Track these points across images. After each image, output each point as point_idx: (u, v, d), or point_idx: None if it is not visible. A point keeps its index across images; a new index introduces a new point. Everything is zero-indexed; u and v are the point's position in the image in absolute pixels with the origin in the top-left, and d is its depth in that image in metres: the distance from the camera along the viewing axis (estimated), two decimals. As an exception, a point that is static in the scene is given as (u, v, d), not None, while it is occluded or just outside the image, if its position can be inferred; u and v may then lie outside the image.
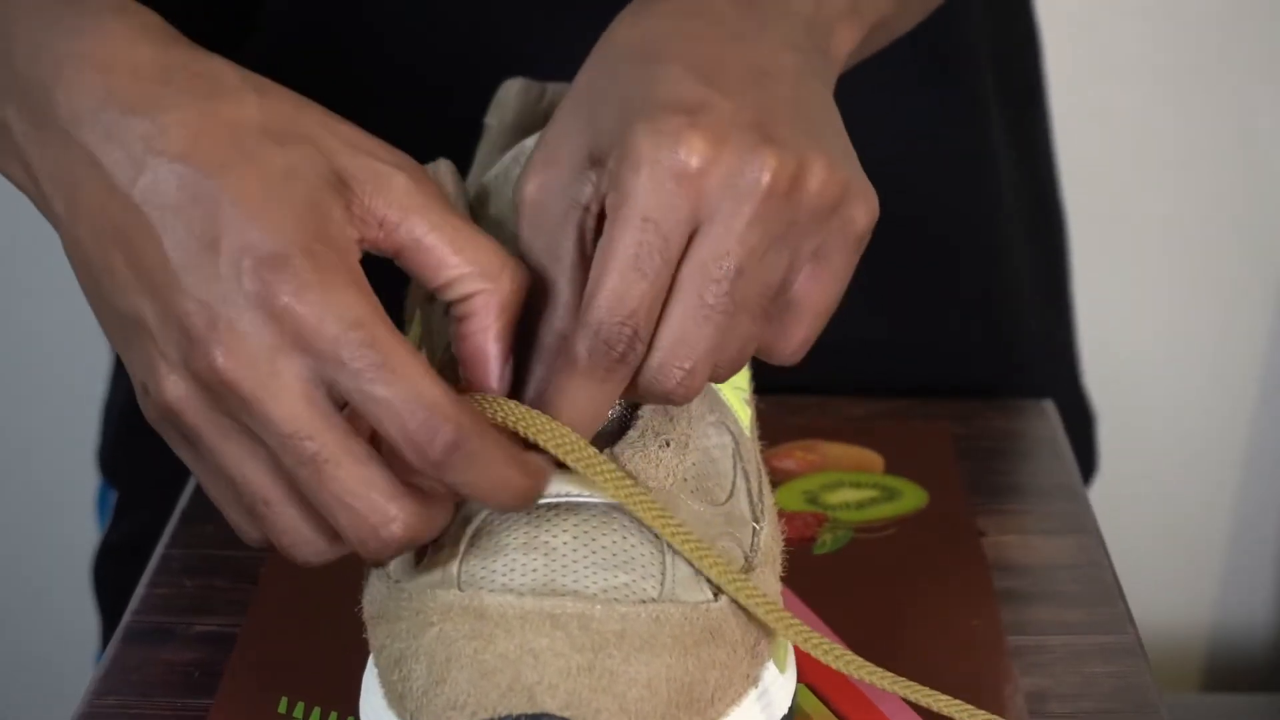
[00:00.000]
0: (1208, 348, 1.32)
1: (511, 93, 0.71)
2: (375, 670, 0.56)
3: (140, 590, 0.68)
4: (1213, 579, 1.40)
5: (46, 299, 1.31)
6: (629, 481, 0.55)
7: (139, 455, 0.94)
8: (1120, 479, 1.30)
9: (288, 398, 0.51)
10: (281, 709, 0.60)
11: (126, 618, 0.66)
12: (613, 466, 0.54)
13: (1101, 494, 0.97)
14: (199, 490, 0.74)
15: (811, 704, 0.61)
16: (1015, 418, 0.82)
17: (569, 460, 0.54)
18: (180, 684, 0.62)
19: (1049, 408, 0.83)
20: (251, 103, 0.54)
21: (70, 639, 1.22)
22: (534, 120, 0.70)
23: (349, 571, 0.64)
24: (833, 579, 0.68)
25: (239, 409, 0.51)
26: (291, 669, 0.62)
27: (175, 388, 0.52)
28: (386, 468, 0.52)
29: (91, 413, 0.98)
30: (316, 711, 0.60)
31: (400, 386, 0.51)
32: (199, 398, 0.52)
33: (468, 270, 0.54)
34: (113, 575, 0.94)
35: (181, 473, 0.76)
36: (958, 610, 0.66)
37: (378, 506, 0.51)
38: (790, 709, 0.57)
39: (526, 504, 0.54)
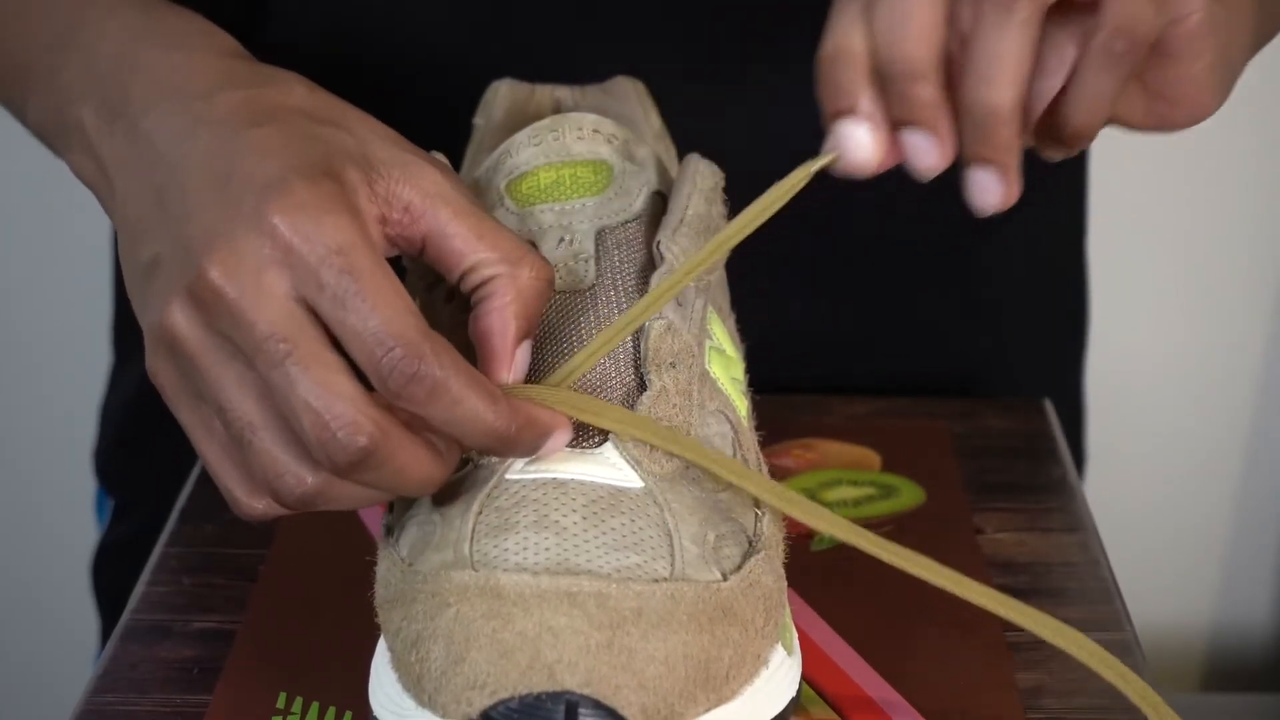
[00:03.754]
0: (1209, 348, 1.32)
1: (499, 93, 0.72)
2: (386, 657, 0.56)
3: (139, 589, 0.68)
4: (1213, 579, 1.40)
5: (47, 300, 1.32)
6: (658, 423, 0.56)
7: (135, 460, 0.94)
8: (1121, 479, 1.30)
9: (268, 304, 0.52)
10: (280, 704, 0.61)
11: (125, 616, 0.66)
12: (635, 414, 0.56)
13: (1102, 493, 0.97)
14: (198, 488, 0.75)
15: (809, 698, 0.61)
16: (1013, 416, 0.82)
17: (594, 420, 0.56)
18: (179, 681, 0.62)
19: (1047, 406, 0.83)
20: (298, 93, 0.58)
21: (70, 639, 1.22)
22: (522, 120, 0.70)
23: (348, 568, 0.64)
24: (830, 575, 0.68)
25: (225, 319, 0.53)
26: (290, 665, 0.63)
27: (176, 312, 0.54)
28: (359, 383, 0.53)
29: (91, 414, 0.99)
30: (315, 707, 0.60)
31: (371, 315, 0.52)
32: (196, 317, 0.53)
33: (489, 255, 0.56)
34: (111, 575, 0.95)
35: (177, 475, 0.77)
36: (955, 606, 0.66)
37: (341, 412, 0.52)
38: (798, 691, 0.57)
39: (510, 448, 0.55)
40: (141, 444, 0.93)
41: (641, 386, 0.58)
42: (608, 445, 0.57)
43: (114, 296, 0.96)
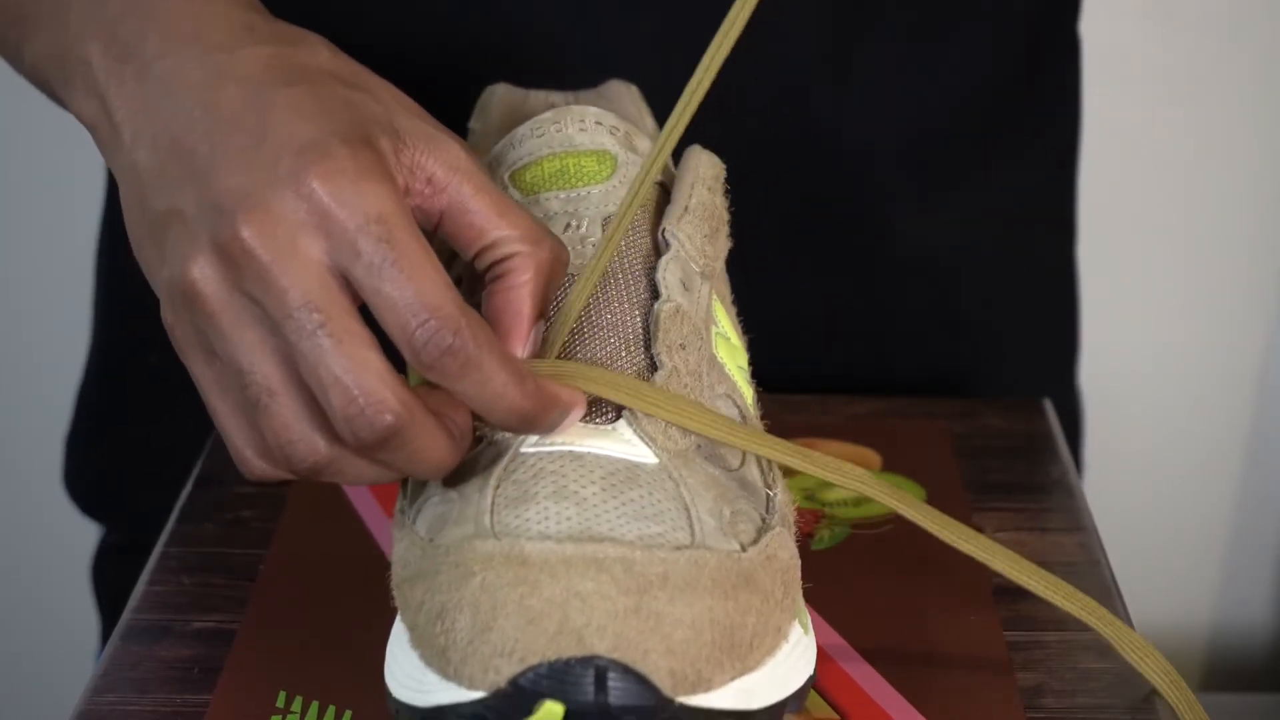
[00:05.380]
0: (1209, 347, 1.32)
1: (495, 97, 0.72)
2: (403, 639, 0.56)
3: (139, 588, 0.68)
4: (1213, 579, 1.40)
5: (46, 298, 1.32)
6: (673, 394, 0.57)
7: (107, 482, 0.94)
8: (1121, 479, 1.30)
9: (302, 272, 0.52)
10: (280, 704, 0.61)
11: (125, 615, 0.66)
12: (652, 386, 0.57)
13: (1102, 493, 0.97)
14: (196, 488, 0.75)
15: (810, 698, 0.61)
16: (1013, 416, 0.82)
17: (616, 397, 0.57)
18: (179, 681, 0.62)
19: (1047, 407, 0.83)
20: (324, 55, 0.57)
21: (69, 639, 1.22)
22: (517, 124, 0.70)
23: (348, 568, 0.64)
24: (830, 575, 0.68)
25: (255, 282, 0.52)
26: (290, 664, 0.62)
27: (200, 268, 0.53)
28: (387, 359, 0.53)
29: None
30: (315, 706, 0.60)
31: (408, 285, 0.52)
32: (221, 275, 0.53)
33: (510, 233, 0.56)
34: (112, 575, 0.95)
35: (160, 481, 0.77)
36: (955, 606, 0.67)
37: (372, 389, 0.52)
38: (814, 671, 0.58)
39: (530, 426, 0.55)
40: (112, 447, 0.93)
41: (652, 368, 0.59)
42: (621, 422, 0.57)
43: (95, 283, 0.95)
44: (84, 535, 1.00)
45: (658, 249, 0.61)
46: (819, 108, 0.83)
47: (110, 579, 0.95)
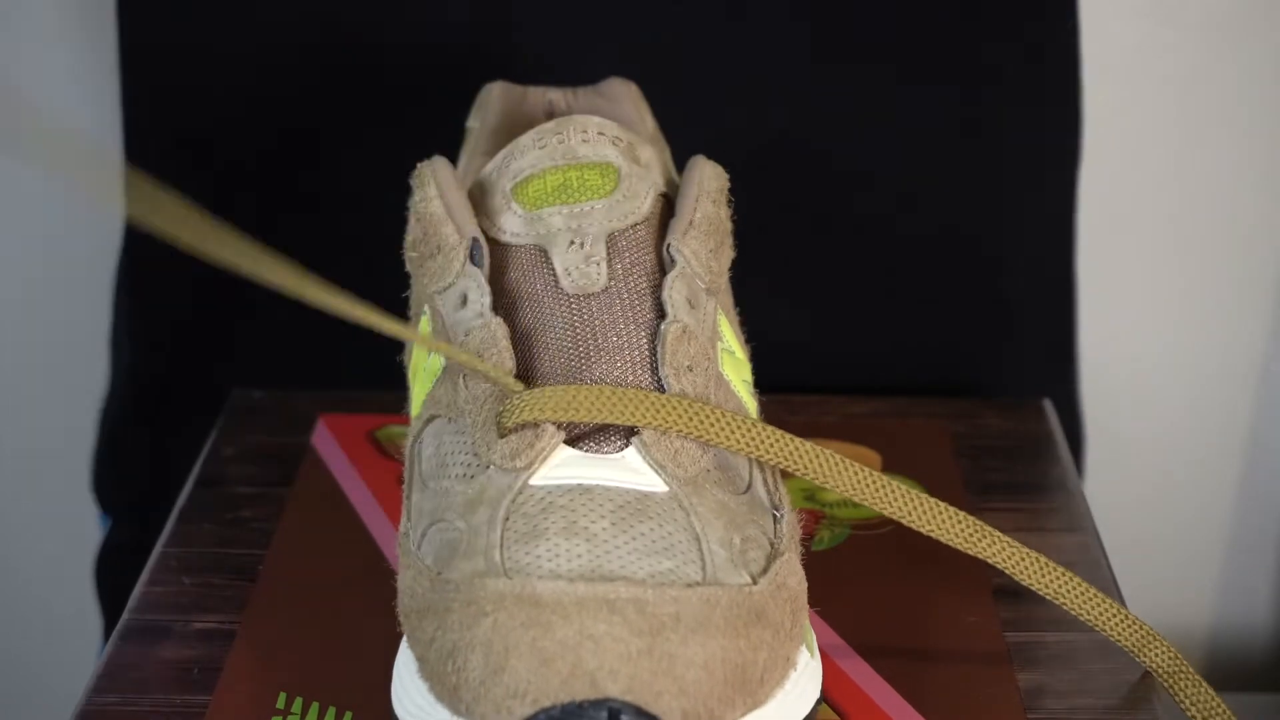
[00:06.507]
0: (1209, 347, 1.32)
1: (493, 95, 0.72)
2: (412, 666, 0.55)
3: (138, 589, 0.68)
4: (1213, 579, 1.39)
5: (46, 298, 1.32)
6: (691, 403, 0.57)
7: (124, 470, 0.94)
8: (1120, 478, 1.30)
9: None
10: (280, 704, 0.61)
11: (125, 616, 0.66)
12: (671, 398, 0.57)
13: (1101, 493, 0.97)
14: (197, 489, 0.75)
15: (809, 700, 0.61)
16: (1013, 417, 0.82)
17: (631, 419, 0.56)
18: (179, 681, 0.62)
19: (1047, 407, 0.83)
20: None
21: (69, 639, 1.22)
22: (515, 122, 0.70)
23: (348, 568, 0.64)
24: (830, 576, 0.68)
25: None
26: (290, 665, 0.63)
27: None
28: None
29: (90, 411, 0.99)
30: (315, 706, 0.60)
31: None
32: None
33: None
34: (114, 576, 0.95)
35: (167, 484, 0.77)
36: (955, 607, 0.67)
37: None
38: (820, 694, 0.58)
39: None
40: (131, 453, 0.94)
41: (660, 391, 0.58)
42: (630, 450, 0.57)
43: (113, 302, 0.96)
44: (84, 535, 1.00)
45: (662, 266, 0.61)
46: (817, 109, 0.83)
47: (111, 579, 0.95)
